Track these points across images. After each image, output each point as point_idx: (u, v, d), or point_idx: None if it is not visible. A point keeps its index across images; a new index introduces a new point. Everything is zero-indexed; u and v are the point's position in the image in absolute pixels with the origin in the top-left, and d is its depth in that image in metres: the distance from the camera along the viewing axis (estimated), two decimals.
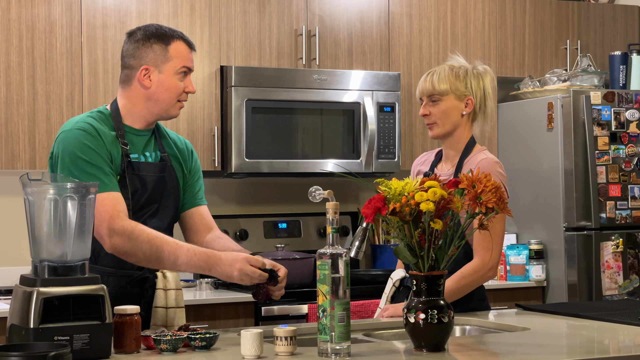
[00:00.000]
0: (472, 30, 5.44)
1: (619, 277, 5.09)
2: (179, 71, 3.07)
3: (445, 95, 3.41)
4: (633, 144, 5.18)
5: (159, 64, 3.05)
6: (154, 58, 3.05)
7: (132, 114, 3.09)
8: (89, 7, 4.60)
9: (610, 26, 5.80)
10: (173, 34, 3.09)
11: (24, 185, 2.56)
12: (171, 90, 3.07)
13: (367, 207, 2.58)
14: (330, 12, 5.09)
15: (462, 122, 3.43)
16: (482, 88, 3.44)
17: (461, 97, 3.42)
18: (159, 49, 3.06)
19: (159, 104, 3.08)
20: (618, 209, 5.13)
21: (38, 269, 2.51)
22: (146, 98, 3.07)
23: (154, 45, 3.06)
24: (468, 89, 3.42)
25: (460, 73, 3.42)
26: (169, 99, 3.07)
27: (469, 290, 3.32)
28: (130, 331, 2.59)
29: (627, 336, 2.99)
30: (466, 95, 3.42)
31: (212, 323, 4.39)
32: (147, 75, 3.06)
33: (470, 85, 3.42)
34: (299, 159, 4.92)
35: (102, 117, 3.07)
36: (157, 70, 3.06)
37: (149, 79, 3.06)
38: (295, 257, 4.74)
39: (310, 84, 4.94)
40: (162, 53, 3.06)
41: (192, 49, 3.12)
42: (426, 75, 3.47)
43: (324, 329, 2.51)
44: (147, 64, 3.05)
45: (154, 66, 3.05)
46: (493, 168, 3.36)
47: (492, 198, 2.56)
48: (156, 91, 3.06)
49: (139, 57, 3.06)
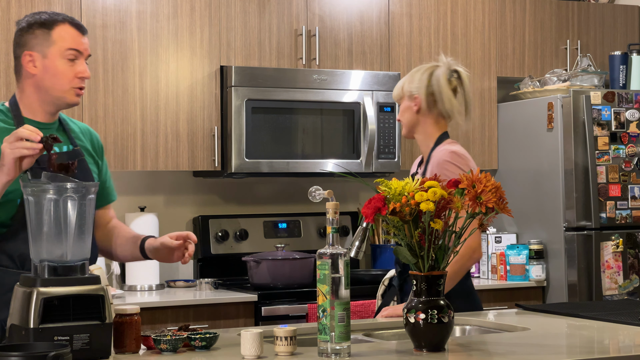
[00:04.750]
0: (472, 30, 5.44)
1: (619, 277, 5.09)
2: (65, 55, 2.93)
3: (401, 99, 3.61)
4: (633, 144, 5.18)
5: (43, 49, 2.91)
6: (36, 44, 2.92)
7: (29, 105, 2.95)
8: (89, 7, 4.60)
9: (610, 26, 5.80)
10: (57, 17, 2.95)
11: (24, 185, 2.56)
12: (58, 76, 2.92)
13: (367, 207, 2.58)
14: (330, 12, 5.09)
15: (420, 120, 3.58)
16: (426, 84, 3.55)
17: (411, 97, 3.58)
18: (41, 33, 2.92)
19: (50, 91, 2.93)
20: (618, 209, 5.13)
21: (38, 269, 2.51)
22: (35, 87, 2.93)
23: (36, 31, 2.92)
24: (416, 87, 3.56)
25: (413, 75, 3.60)
26: (59, 84, 2.93)
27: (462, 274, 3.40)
28: (130, 331, 2.59)
29: (627, 336, 2.99)
30: (413, 94, 3.57)
31: (212, 323, 4.39)
32: (31, 61, 2.92)
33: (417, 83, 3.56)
34: (299, 159, 4.92)
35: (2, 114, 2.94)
36: (41, 55, 2.92)
37: (34, 66, 2.92)
38: (295, 257, 4.74)
39: (310, 84, 4.94)
40: (45, 37, 2.92)
41: (81, 32, 2.97)
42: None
43: (324, 329, 2.51)
44: (29, 49, 2.92)
45: (37, 52, 2.92)
46: (445, 157, 3.47)
47: (492, 198, 2.56)
48: (43, 77, 2.92)
49: (22, 45, 2.93)
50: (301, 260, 4.74)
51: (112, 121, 4.64)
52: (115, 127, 4.63)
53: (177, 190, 5.11)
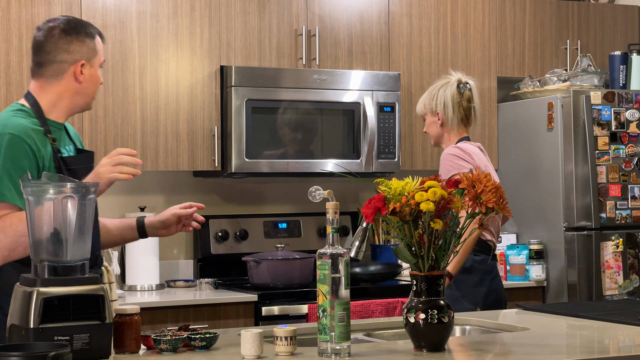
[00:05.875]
0: (472, 30, 5.44)
1: (619, 277, 5.09)
2: (101, 64, 3.11)
3: (425, 115, 4.22)
4: (633, 144, 5.18)
5: (90, 58, 3.06)
6: (87, 52, 3.04)
7: (59, 108, 3.05)
8: (89, 7, 4.60)
9: (610, 26, 5.80)
10: (93, 30, 3.09)
11: (24, 185, 2.56)
12: (96, 84, 3.09)
13: (367, 207, 2.58)
14: (330, 12, 5.09)
15: (445, 131, 4.18)
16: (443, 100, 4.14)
17: (433, 113, 4.18)
18: (90, 42, 3.06)
19: (85, 98, 3.08)
20: (618, 209, 5.13)
21: (38, 269, 2.51)
22: (75, 92, 3.05)
23: (85, 40, 3.04)
24: (434, 104, 4.16)
25: (432, 92, 4.18)
26: (93, 92, 3.09)
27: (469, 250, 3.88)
28: (130, 331, 2.59)
29: (627, 336, 2.99)
30: (435, 110, 4.16)
31: (212, 323, 4.39)
32: (82, 70, 3.04)
33: (435, 100, 4.16)
34: (299, 159, 4.92)
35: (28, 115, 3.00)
36: (89, 65, 3.06)
37: (81, 73, 3.04)
38: (295, 257, 4.74)
39: (310, 84, 4.94)
40: (92, 47, 3.06)
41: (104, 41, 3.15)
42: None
43: (324, 329, 2.51)
44: (82, 58, 3.03)
45: (86, 60, 3.04)
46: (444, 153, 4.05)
47: (492, 198, 2.56)
48: (87, 85, 3.06)
49: (73, 52, 3.02)
50: (301, 260, 4.74)
51: (112, 121, 4.64)
52: (115, 127, 4.63)
53: (177, 190, 5.11)
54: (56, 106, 3.04)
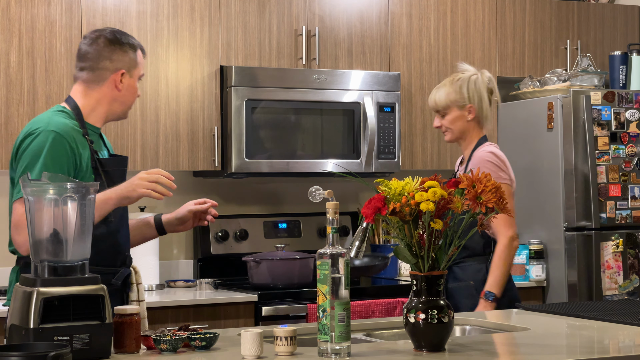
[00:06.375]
0: (472, 30, 5.44)
1: (619, 277, 5.09)
2: (140, 77, 3.27)
3: (448, 109, 3.95)
4: (633, 144, 5.18)
5: (131, 69, 3.22)
6: (128, 62, 3.21)
7: (97, 113, 3.22)
8: (89, 7, 4.60)
9: (610, 26, 5.80)
10: (136, 42, 3.28)
11: (24, 185, 2.56)
12: (134, 95, 3.26)
13: (367, 207, 2.58)
14: (330, 12, 5.09)
15: (471, 126, 3.96)
16: (479, 94, 3.94)
17: (462, 107, 3.94)
18: (132, 54, 3.23)
19: (123, 106, 3.25)
20: (618, 209, 5.13)
21: (38, 269, 2.51)
22: (113, 99, 3.22)
23: (128, 51, 3.22)
24: (466, 97, 3.93)
25: (458, 85, 3.94)
26: (131, 102, 3.26)
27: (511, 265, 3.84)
28: (130, 331, 2.59)
29: (627, 336, 2.99)
30: (466, 104, 3.93)
31: (212, 323, 4.39)
32: (122, 79, 3.21)
33: (467, 94, 3.93)
34: (299, 159, 4.92)
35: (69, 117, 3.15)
36: (129, 75, 3.22)
37: (121, 82, 3.20)
38: (295, 257, 4.74)
39: (310, 84, 4.94)
40: (133, 58, 3.23)
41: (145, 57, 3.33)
42: (433, 92, 3.99)
43: (324, 329, 2.51)
44: (123, 67, 3.20)
45: (127, 70, 3.21)
46: (486, 157, 3.88)
47: (492, 198, 2.56)
48: (125, 94, 3.23)
49: (115, 60, 3.20)
50: (301, 260, 4.74)
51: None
52: (115, 127, 4.63)
53: (177, 190, 5.08)
54: (95, 111, 3.20)
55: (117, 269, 3.22)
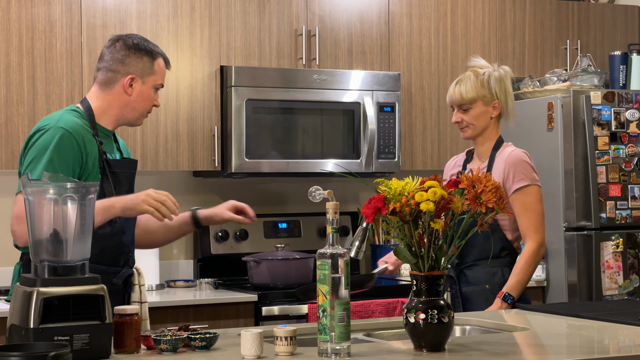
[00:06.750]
0: (472, 30, 5.44)
1: (619, 277, 5.09)
2: (156, 86, 3.28)
3: (474, 103, 3.78)
4: (633, 144, 5.18)
5: (144, 75, 3.24)
6: (141, 69, 3.24)
7: (108, 116, 3.25)
8: (89, 7, 4.60)
9: (610, 26, 5.80)
10: (158, 50, 3.29)
11: (24, 185, 2.56)
12: (147, 102, 3.27)
13: (367, 207, 2.58)
14: (330, 12, 5.09)
15: (492, 124, 3.84)
16: (505, 90, 3.81)
17: (488, 103, 3.80)
18: (148, 61, 3.25)
19: (134, 112, 3.26)
20: (618, 209, 5.13)
21: (38, 269, 2.51)
22: (124, 104, 3.24)
23: (143, 57, 3.24)
24: (493, 93, 3.79)
25: (484, 80, 3.77)
26: (143, 109, 3.27)
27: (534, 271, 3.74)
28: (130, 331, 2.59)
29: (627, 336, 2.99)
30: (493, 100, 3.80)
31: (212, 323, 4.39)
32: (132, 84, 3.23)
33: (494, 89, 3.78)
34: (299, 159, 4.93)
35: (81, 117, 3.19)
36: (141, 81, 3.24)
37: (131, 87, 3.23)
38: (295, 257, 4.74)
39: (310, 84, 4.94)
40: (149, 65, 3.25)
41: (168, 68, 3.34)
42: (454, 85, 3.81)
43: (324, 329, 2.51)
44: (134, 73, 3.23)
45: (139, 76, 3.23)
46: (522, 157, 3.82)
47: (492, 198, 2.56)
48: (135, 100, 3.24)
49: (127, 65, 3.23)
50: (301, 260, 4.74)
51: None
52: None
53: (177, 190, 5.11)
54: (106, 113, 3.24)
55: (120, 268, 3.25)
